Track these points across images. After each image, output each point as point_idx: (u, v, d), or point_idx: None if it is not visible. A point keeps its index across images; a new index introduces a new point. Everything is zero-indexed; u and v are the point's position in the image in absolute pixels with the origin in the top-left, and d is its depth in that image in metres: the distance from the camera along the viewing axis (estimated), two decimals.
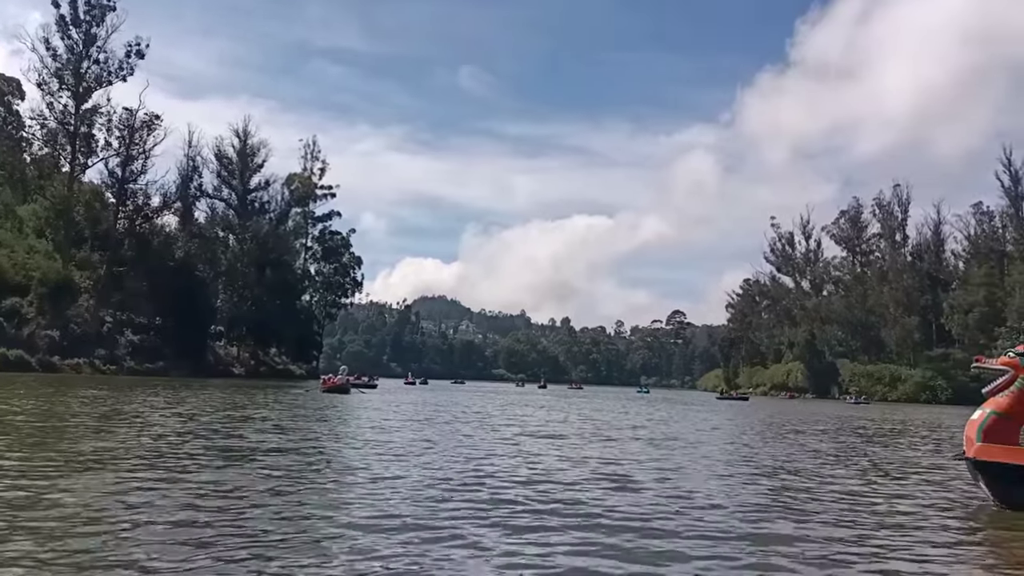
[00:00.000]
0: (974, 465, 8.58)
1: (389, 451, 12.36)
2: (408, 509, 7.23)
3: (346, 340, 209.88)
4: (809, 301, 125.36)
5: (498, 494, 8.28)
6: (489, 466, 10.80)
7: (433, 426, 18.88)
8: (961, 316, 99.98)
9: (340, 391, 38.95)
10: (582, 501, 8.09)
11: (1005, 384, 8.83)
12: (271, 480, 8.64)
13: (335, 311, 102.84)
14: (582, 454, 13.32)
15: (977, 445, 8.55)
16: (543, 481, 9.44)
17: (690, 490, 9.23)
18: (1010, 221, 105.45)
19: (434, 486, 8.67)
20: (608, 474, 10.46)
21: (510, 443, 14.92)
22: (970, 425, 8.94)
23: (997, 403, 8.83)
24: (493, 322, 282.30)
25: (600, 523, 6.96)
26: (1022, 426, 8.86)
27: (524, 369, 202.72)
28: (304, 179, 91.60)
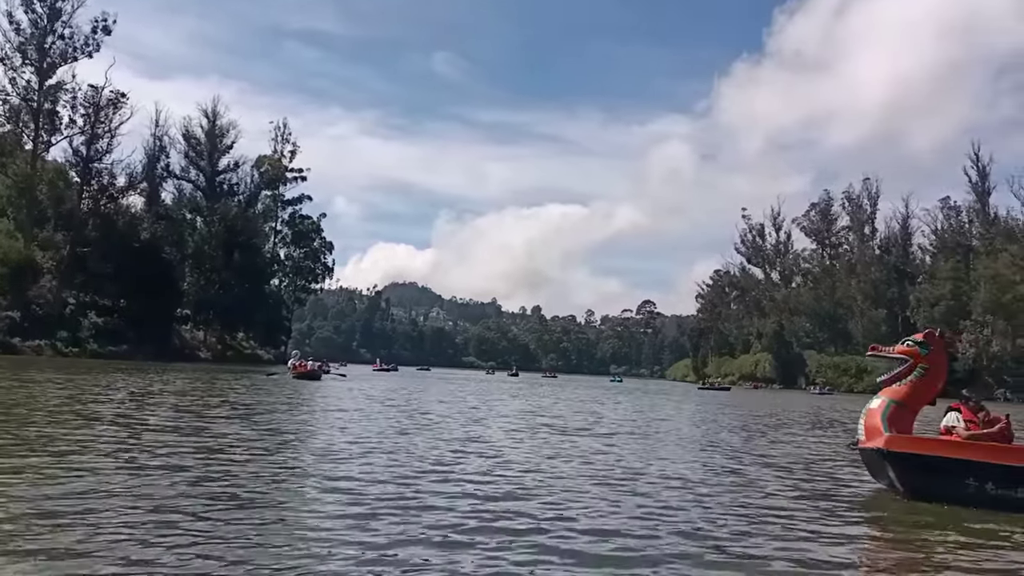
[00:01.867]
0: (884, 455, 8.35)
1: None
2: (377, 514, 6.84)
3: (315, 326, 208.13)
4: (778, 292, 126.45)
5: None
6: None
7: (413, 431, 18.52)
8: (927, 309, 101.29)
9: (311, 377, 38.36)
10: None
11: (904, 373, 8.82)
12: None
13: (304, 296, 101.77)
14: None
15: (886, 435, 8.38)
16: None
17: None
18: (977, 216, 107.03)
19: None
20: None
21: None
22: (870, 414, 8.82)
23: (896, 392, 8.81)
24: (464, 309, 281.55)
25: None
26: (916, 414, 8.90)
27: (494, 357, 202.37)
28: (274, 161, 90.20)
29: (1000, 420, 9.01)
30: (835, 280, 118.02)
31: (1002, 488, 7.91)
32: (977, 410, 9.13)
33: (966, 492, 7.97)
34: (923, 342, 8.96)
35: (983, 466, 8.01)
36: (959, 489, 8.01)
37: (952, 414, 9.10)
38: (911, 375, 8.83)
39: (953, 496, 8.01)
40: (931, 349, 8.93)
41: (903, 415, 8.75)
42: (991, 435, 8.72)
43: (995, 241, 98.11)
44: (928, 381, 8.90)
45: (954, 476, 8.04)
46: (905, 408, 8.79)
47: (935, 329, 9.55)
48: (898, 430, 8.53)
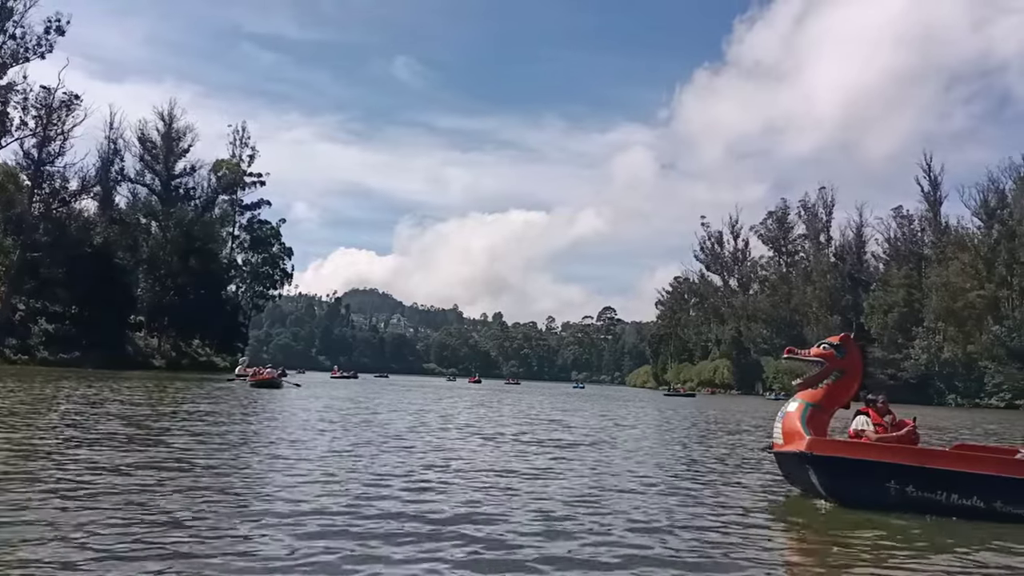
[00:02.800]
0: (806, 459, 8.27)
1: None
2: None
3: (274, 332, 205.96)
4: (736, 299, 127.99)
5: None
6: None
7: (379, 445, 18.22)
8: (880, 316, 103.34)
9: (271, 385, 37.68)
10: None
11: (820, 376, 8.76)
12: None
13: (263, 302, 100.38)
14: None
15: (808, 439, 8.31)
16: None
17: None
18: (928, 225, 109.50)
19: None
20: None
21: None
22: (788, 418, 8.74)
23: (812, 395, 8.76)
24: (425, 316, 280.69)
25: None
26: (831, 417, 8.87)
27: (455, 363, 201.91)
28: (232, 166, 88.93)
29: (907, 423, 9.11)
30: (791, 287, 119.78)
31: (923, 491, 7.93)
32: (884, 413, 9.21)
33: (888, 495, 7.99)
34: (839, 345, 8.93)
35: (905, 469, 8.02)
36: (881, 492, 8.01)
37: (861, 417, 9.14)
38: (827, 378, 8.79)
39: (875, 499, 8.02)
40: (846, 352, 8.90)
41: (820, 418, 8.71)
42: (899, 438, 8.80)
43: (946, 249, 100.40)
44: (843, 384, 8.86)
45: (876, 479, 8.03)
46: (821, 411, 8.74)
47: (850, 332, 9.58)
48: (816, 433, 8.49)
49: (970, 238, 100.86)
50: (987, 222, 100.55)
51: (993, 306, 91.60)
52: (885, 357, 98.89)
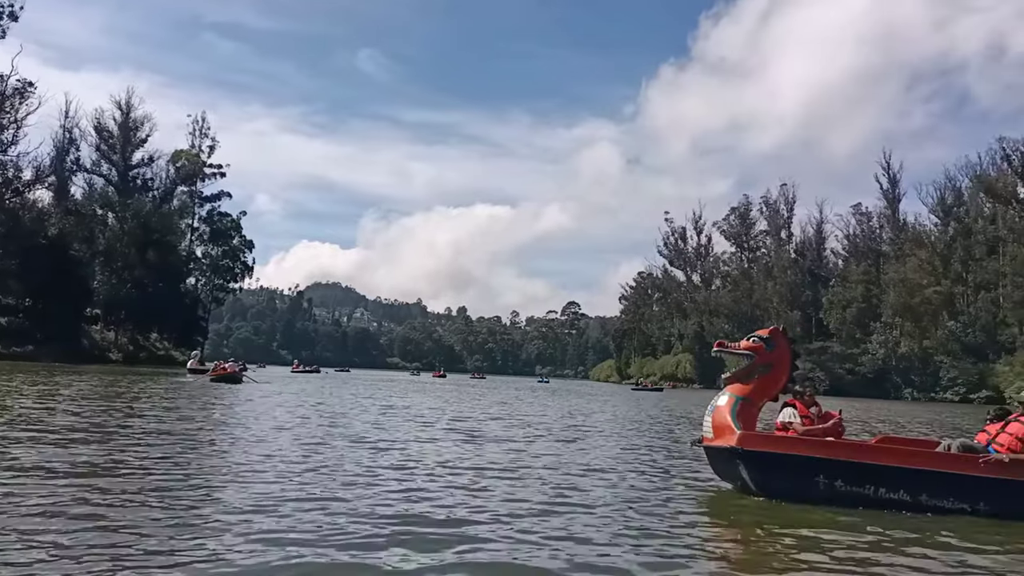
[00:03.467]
0: (737, 453, 8.20)
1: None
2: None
3: (234, 326, 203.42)
4: (699, 294, 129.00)
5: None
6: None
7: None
8: (839, 311, 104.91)
9: (231, 380, 36.85)
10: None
11: (750, 369, 8.73)
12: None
13: (223, 296, 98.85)
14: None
15: (739, 433, 8.26)
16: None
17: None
18: (887, 222, 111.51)
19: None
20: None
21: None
22: (718, 411, 8.67)
23: (742, 388, 8.71)
24: (389, 310, 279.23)
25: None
26: (760, 411, 8.85)
27: (419, 358, 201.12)
28: (191, 156, 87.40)
29: (833, 415, 9.11)
30: (753, 283, 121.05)
31: (851, 485, 7.93)
32: (811, 405, 9.20)
33: (817, 489, 7.95)
34: (768, 338, 8.87)
35: (833, 463, 8.00)
36: (810, 487, 7.97)
37: (788, 410, 9.11)
38: (756, 371, 8.74)
39: (804, 494, 7.98)
40: (776, 345, 8.84)
41: (749, 411, 8.66)
42: (826, 430, 8.78)
43: (904, 246, 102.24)
44: (772, 377, 8.81)
45: (805, 474, 8.00)
46: (751, 404, 8.70)
47: (779, 325, 9.49)
48: (746, 427, 8.45)
49: (927, 235, 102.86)
50: (943, 220, 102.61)
51: (949, 302, 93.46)
52: (843, 352, 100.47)
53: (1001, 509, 7.68)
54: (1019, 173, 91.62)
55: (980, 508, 7.75)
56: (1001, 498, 7.72)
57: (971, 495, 7.80)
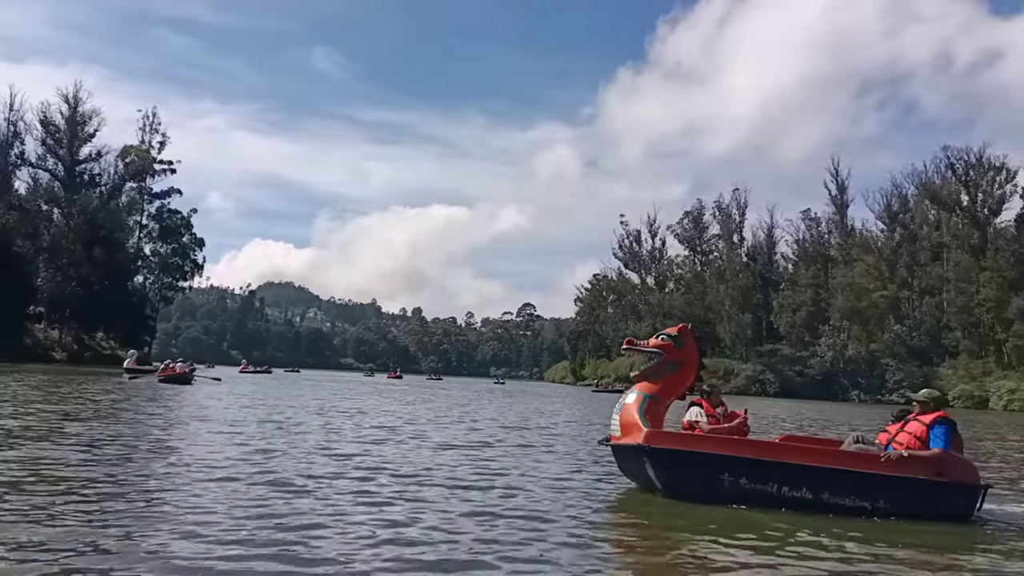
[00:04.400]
0: (644, 452, 8.10)
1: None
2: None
3: (183, 325, 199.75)
4: (653, 297, 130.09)
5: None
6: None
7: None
8: (789, 315, 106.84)
9: (180, 381, 35.85)
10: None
11: (658, 367, 8.69)
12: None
13: (172, 294, 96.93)
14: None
15: (646, 431, 8.20)
16: None
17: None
18: (835, 227, 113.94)
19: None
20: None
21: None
22: (626, 410, 8.61)
23: (650, 387, 8.67)
24: (343, 310, 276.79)
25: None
26: (667, 409, 8.81)
27: (373, 359, 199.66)
28: (141, 152, 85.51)
29: (738, 415, 9.17)
30: (706, 286, 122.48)
31: (756, 483, 7.90)
32: (717, 404, 9.25)
33: (722, 488, 7.92)
34: (676, 336, 8.83)
35: (738, 461, 7.97)
36: (715, 485, 7.93)
37: (695, 408, 9.14)
38: (664, 369, 8.70)
39: (709, 492, 7.92)
40: (684, 343, 8.82)
41: (656, 410, 8.61)
42: (731, 429, 8.82)
43: (851, 251, 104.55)
44: (680, 376, 8.77)
45: (710, 472, 7.96)
46: (658, 402, 8.65)
47: (687, 324, 9.42)
48: (654, 425, 8.39)
49: (874, 241, 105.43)
50: (890, 225, 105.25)
51: (895, 306, 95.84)
52: (793, 354, 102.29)
53: (900, 507, 7.77)
54: (962, 181, 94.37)
55: (880, 506, 7.81)
56: (900, 496, 7.81)
57: (871, 493, 7.85)
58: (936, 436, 7.90)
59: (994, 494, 8.93)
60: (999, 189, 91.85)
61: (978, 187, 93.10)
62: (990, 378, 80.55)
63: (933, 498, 7.82)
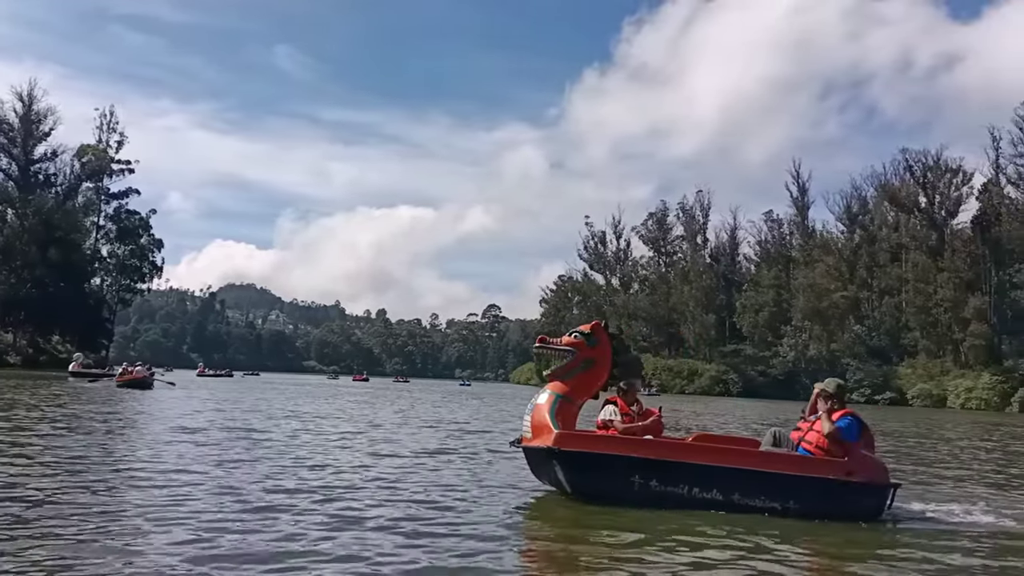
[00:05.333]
0: (553, 454, 7.82)
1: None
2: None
3: (142, 328, 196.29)
4: (618, 298, 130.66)
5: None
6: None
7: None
8: (752, 315, 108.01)
9: (140, 386, 34.81)
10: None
11: (571, 366, 8.40)
12: None
13: (130, 297, 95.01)
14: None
15: (556, 432, 7.90)
16: None
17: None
18: (796, 229, 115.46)
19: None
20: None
21: None
22: (537, 410, 8.31)
23: (562, 386, 8.39)
24: (305, 312, 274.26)
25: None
26: (580, 409, 8.56)
27: (336, 361, 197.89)
28: (98, 151, 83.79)
29: (653, 413, 8.90)
30: (670, 287, 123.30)
31: (666, 485, 7.73)
32: (632, 402, 8.95)
33: (632, 490, 7.70)
34: (589, 334, 8.54)
35: (648, 463, 7.77)
36: (625, 487, 7.72)
37: (609, 407, 8.83)
38: (577, 368, 8.40)
39: (620, 494, 7.68)
40: (597, 341, 8.55)
41: (569, 410, 8.32)
42: (645, 428, 8.57)
43: (812, 252, 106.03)
44: (593, 374, 8.49)
45: (621, 474, 7.75)
46: (570, 402, 8.36)
47: (601, 320, 9.08)
48: (565, 426, 8.09)
49: (834, 242, 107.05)
50: (850, 227, 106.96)
51: (855, 306, 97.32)
52: (755, 354, 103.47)
53: (810, 507, 7.62)
54: (920, 184, 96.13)
55: (790, 507, 7.65)
56: (810, 496, 7.67)
57: (781, 494, 7.70)
58: (845, 433, 7.80)
59: (907, 493, 9.06)
60: (956, 191, 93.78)
61: (935, 189, 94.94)
62: (948, 377, 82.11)
63: (843, 498, 7.70)
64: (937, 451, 18.36)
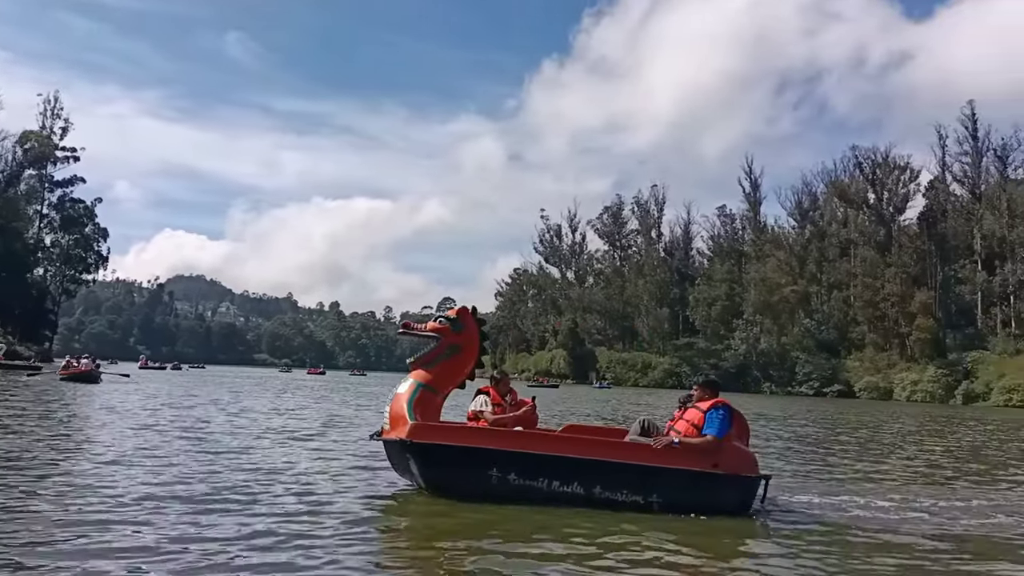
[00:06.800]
0: (406, 447, 7.47)
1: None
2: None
3: (87, 320, 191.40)
4: (573, 291, 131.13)
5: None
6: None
7: None
8: (704, 309, 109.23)
9: (86, 380, 33.67)
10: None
11: (435, 353, 8.01)
12: None
13: (74, 288, 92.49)
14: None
15: (411, 423, 7.49)
16: None
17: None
18: (749, 224, 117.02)
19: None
20: None
21: None
22: (396, 400, 7.89)
23: (425, 375, 7.98)
24: (257, 304, 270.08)
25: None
26: (446, 398, 8.23)
27: (289, 354, 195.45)
28: (42, 138, 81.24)
29: (526, 403, 8.61)
30: (624, 280, 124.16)
31: (526, 478, 7.33)
32: (505, 392, 8.68)
33: (489, 484, 7.30)
34: (455, 319, 8.14)
35: (505, 455, 7.36)
36: (483, 481, 7.31)
37: (481, 397, 8.51)
38: (441, 355, 8.01)
39: (477, 489, 7.29)
40: (464, 326, 8.16)
41: (432, 400, 7.93)
42: (517, 418, 8.27)
43: (764, 247, 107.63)
44: (459, 362, 8.10)
45: (478, 467, 7.33)
46: (434, 392, 7.96)
47: (467, 306, 8.57)
48: (424, 417, 7.67)
49: (785, 237, 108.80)
50: (800, 222, 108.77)
51: (804, 300, 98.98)
52: (708, 347, 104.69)
53: (674, 500, 7.27)
54: (869, 180, 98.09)
55: (653, 500, 7.30)
56: (674, 489, 7.32)
57: (644, 486, 7.34)
58: (711, 423, 7.41)
59: (787, 485, 9.02)
60: (903, 188, 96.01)
61: (884, 186, 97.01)
62: (894, 370, 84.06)
63: (708, 490, 7.35)
64: (856, 444, 17.99)
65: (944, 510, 8.27)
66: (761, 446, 13.72)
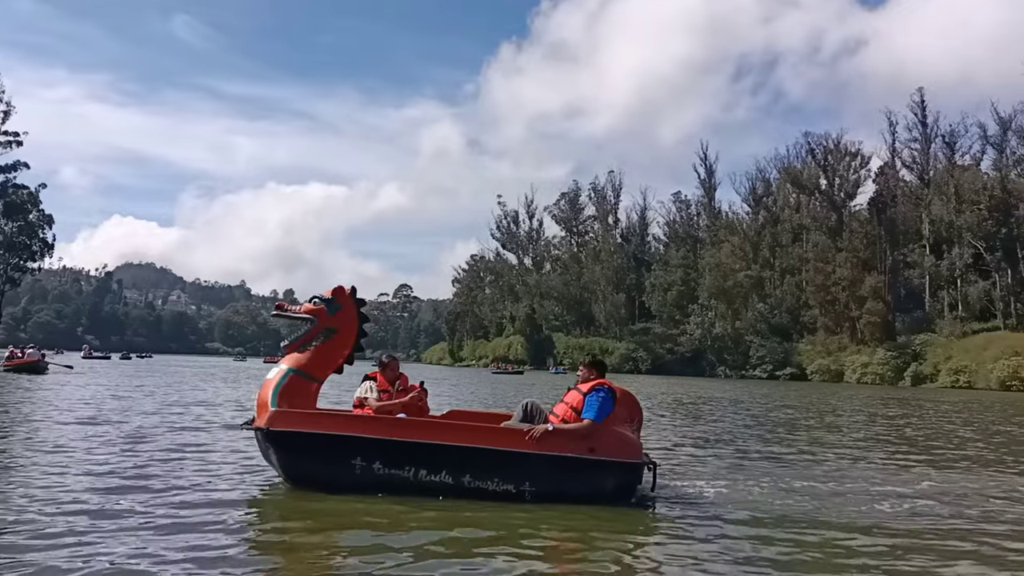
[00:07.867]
0: (266, 436, 7.05)
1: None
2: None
3: (33, 309, 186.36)
4: (530, 277, 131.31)
5: None
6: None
7: None
8: (660, 294, 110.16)
9: (32, 371, 32.82)
10: None
11: (309, 336, 7.65)
12: None
13: (19, 276, 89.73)
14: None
15: (271, 411, 7.10)
16: None
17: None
18: (704, 210, 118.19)
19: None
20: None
21: None
22: (265, 386, 7.46)
23: (297, 359, 7.60)
24: (209, 292, 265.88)
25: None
26: (322, 384, 7.81)
27: (242, 343, 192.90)
28: None
29: (414, 388, 8.16)
30: (581, 266, 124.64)
31: (391, 468, 6.92)
32: (393, 379, 8.16)
33: (353, 475, 6.90)
34: (330, 300, 7.71)
35: (370, 443, 6.96)
36: (346, 472, 6.90)
37: (366, 383, 8.05)
38: (316, 338, 7.63)
39: (340, 481, 6.89)
40: (340, 308, 7.73)
41: (305, 387, 7.54)
42: (404, 405, 7.81)
43: (719, 233, 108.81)
44: (335, 345, 7.69)
45: (340, 457, 6.92)
46: (308, 378, 7.56)
47: (345, 286, 8.05)
48: (291, 404, 7.23)
49: (739, 223, 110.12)
50: (754, 208, 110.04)
51: (758, 285, 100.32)
52: (664, 332, 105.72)
53: (549, 489, 6.91)
54: (821, 166, 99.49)
55: (526, 489, 6.93)
56: (548, 477, 6.94)
57: (516, 474, 6.95)
58: (589, 406, 7.03)
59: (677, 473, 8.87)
60: (854, 174, 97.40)
61: (835, 172, 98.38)
62: (845, 353, 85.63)
63: (584, 477, 6.96)
64: (778, 428, 17.30)
65: (858, 494, 8.04)
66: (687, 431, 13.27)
